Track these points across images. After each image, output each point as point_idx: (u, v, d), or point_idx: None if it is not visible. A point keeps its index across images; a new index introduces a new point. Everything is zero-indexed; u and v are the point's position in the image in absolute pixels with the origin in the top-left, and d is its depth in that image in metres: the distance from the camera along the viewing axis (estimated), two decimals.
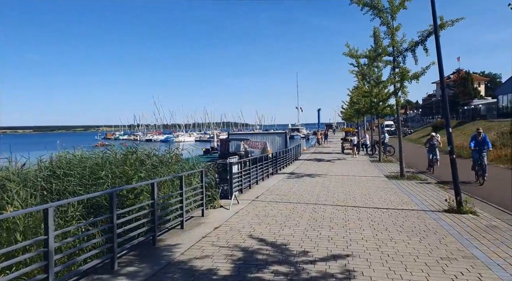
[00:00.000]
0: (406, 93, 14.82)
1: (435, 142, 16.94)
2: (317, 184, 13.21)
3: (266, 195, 10.91)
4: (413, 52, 14.35)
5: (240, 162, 11.27)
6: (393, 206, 9.13)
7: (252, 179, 13.11)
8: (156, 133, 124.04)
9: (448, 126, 8.59)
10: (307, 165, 21.25)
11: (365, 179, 14.59)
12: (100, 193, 5.27)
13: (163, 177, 7.79)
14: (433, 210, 8.57)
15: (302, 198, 10.44)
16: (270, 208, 9.01)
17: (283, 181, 14.37)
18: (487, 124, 34.94)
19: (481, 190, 11.49)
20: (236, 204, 9.36)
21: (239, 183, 11.20)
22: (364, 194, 11.00)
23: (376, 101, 22.79)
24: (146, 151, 10.29)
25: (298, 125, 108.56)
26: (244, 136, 41.49)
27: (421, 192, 11.26)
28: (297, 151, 27.88)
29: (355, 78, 26.32)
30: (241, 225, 7.32)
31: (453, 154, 8.54)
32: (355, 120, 47.81)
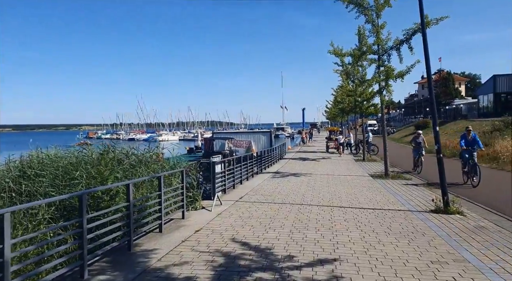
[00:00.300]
0: (391, 91, 14.73)
1: (421, 140, 16.36)
2: (302, 184, 12.97)
3: (250, 196, 10.60)
4: (398, 51, 14.25)
5: (223, 161, 10.92)
6: (380, 206, 8.95)
7: (236, 179, 12.78)
8: (139, 132, 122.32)
9: (436, 125, 8.44)
10: (292, 164, 21.04)
11: (350, 179, 14.43)
12: (68, 195, 4.85)
13: (142, 177, 7.37)
14: (420, 210, 8.41)
15: (287, 198, 10.17)
16: (255, 209, 8.70)
17: (268, 180, 14.09)
18: (468, 124, 35.39)
19: (473, 192, 11.01)
20: (218, 205, 9.02)
21: (223, 183, 10.85)
22: (350, 194, 10.80)
23: (361, 100, 22.78)
24: (125, 150, 9.86)
25: (283, 124, 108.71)
26: (229, 135, 41.12)
27: (406, 192, 11.14)
28: (282, 150, 27.67)
29: (339, 77, 26.30)
30: (223, 227, 6.98)
31: (440, 153, 8.39)
32: (339, 119, 48.03)
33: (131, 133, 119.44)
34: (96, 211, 5.89)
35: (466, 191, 11.16)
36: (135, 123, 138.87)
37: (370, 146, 25.91)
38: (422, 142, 16.24)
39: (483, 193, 10.80)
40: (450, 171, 13.48)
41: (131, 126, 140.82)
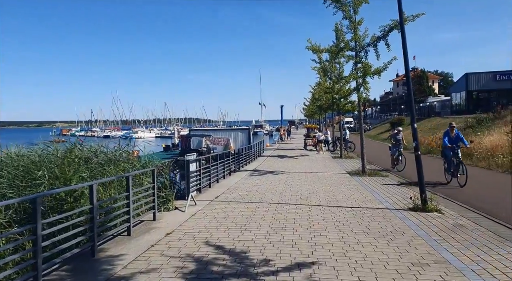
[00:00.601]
0: (368, 88, 14.69)
1: (401, 137, 15.97)
2: (280, 182, 12.74)
3: (226, 195, 10.26)
4: (375, 47, 14.19)
5: (198, 159, 10.53)
6: (357, 205, 8.80)
7: (213, 178, 12.41)
8: (114, 129, 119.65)
9: (414, 121, 8.34)
10: (270, 161, 20.82)
11: (328, 176, 14.32)
12: (20, 199, 4.38)
13: (108, 177, 6.91)
14: (398, 208, 8.31)
15: (264, 197, 9.89)
16: (230, 209, 8.38)
17: (246, 179, 13.79)
18: (442, 121, 36.24)
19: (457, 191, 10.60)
20: (193, 206, 8.64)
21: (198, 182, 10.47)
22: (328, 192, 10.64)
23: (338, 98, 22.77)
24: (93, 148, 9.33)
25: (262, 121, 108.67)
26: (206, 132, 40.58)
27: (383, 189, 11.07)
28: (260, 148, 27.43)
29: (317, 74, 26.27)
30: (196, 230, 6.63)
31: (418, 151, 8.30)
32: (317, 116, 48.24)
33: (106, 130, 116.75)
34: (58, 214, 5.43)
35: (452, 191, 10.56)
36: (110, 120, 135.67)
37: (347, 143, 26.03)
38: (401, 140, 15.91)
39: (465, 192, 10.87)
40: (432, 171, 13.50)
41: (106, 123, 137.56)
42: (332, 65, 22.66)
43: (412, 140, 8.44)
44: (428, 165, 14.82)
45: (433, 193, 9.61)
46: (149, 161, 9.45)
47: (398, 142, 16.00)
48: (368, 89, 14.69)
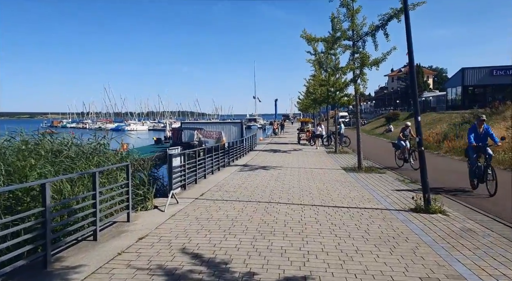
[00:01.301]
0: (366, 80, 13.95)
1: (409, 132, 14.84)
2: (271, 178, 11.99)
3: (213, 192, 9.50)
4: (374, 37, 13.48)
5: (183, 153, 9.74)
6: (355, 204, 8.09)
7: (200, 173, 11.64)
8: (106, 121, 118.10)
9: (418, 114, 7.61)
10: (262, 156, 20.07)
11: (322, 172, 13.61)
12: None
13: (74, 173, 6.11)
14: (399, 209, 7.61)
15: (253, 195, 9.15)
16: (215, 208, 7.62)
17: (235, 174, 13.03)
18: (438, 116, 35.72)
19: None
20: (174, 204, 7.87)
21: (182, 178, 9.69)
22: (322, 189, 9.92)
23: (333, 90, 22.05)
24: (65, 139, 8.50)
25: (256, 115, 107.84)
26: (198, 125, 39.71)
27: (381, 187, 10.38)
28: (253, 142, 26.64)
29: (312, 67, 25.50)
30: (174, 233, 5.86)
31: (421, 146, 7.58)
32: (311, 110, 47.51)
33: (98, 122, 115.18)
34: (10, 216, 4.64)
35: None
36: (103, 113, 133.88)
37: (342, 138, 25.35)
38: (410, 135, 14.75)
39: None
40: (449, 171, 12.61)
41: (99, 115, 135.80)
42: (327, 56, 21.89)
43: (415, 134, 7.70)
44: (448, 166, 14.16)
45: (436, 193, 8.90)
46: (127, 155, 8.64)
47: (406, 138, 14.91)
48: (366, 81, 13.95)
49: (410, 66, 7.73)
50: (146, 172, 8.71)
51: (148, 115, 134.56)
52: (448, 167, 14.70)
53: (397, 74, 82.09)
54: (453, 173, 13.11)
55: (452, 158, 17.96)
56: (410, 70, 7.76)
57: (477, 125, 9.71)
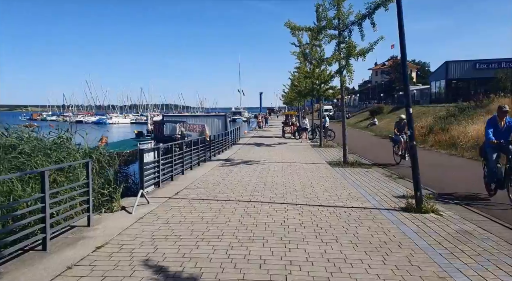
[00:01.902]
0: (352, 71, 13.38)
1: (405, 126, 13.12)
2: (253, 174, 11.35)
3: (189, 190, 8.79)
4: (360, 26, 12.91)
5: (157, 148, 8.98)
6: (341, 203, 7.52)
7: (177, 169, 10.91)
8: (87, 114, 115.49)
9: (409, 106, 7.03)
10: (246, 150, 19.41)
11: (307, 167, 13.04)
12: None
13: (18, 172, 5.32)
14: (389, 208, 7.07)
15: (233, 193, 8.49)
16: (190, 209, 6.93)
17: (216, 169, 12.33)
18: (422, 109, 35.65)
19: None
20: (144, 205, 7.14)
21: (156, 175, 8.94)
22: (307, 186, 9.33)
23: (318, 83, 21.51)
24: (25, 132, 7.65)
25: (240, 108, 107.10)
26: (181, 118, 38.73)
27: (368, 183, 9.86)
28: (236, 135, 25.93)
29: (297, 60, 24.90)
30: (139, 240, 5.16)
31: (413, 140, 7.04)
32: (296, 103, 46.99)
33: (79, 115, 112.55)
34: None
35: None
36: (85, 105, 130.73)
37: (327, 131, 24.88)
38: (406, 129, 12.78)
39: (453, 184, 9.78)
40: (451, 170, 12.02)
41: (80, 107, 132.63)
42: (312, 48, 21.29)
43: (407, 128, 7.15)
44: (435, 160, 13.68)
45: (425, 188, 8.39)
46: (94, 150, 7.84)
47: (401, 132, 13.84)
48: (352, 72, 13.38)
49: (402, 57, 7.14)
50: (113, 168, 7.91)
51: (131, 108, 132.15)
52: (436, 162, 14.32)
53: (381, 68, 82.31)
54: (451, 170, 12.71)
55: (439, 152, 17.65)
56: (402, 61, 7.17)
57: (497, 118, 7.73)
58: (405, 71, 7.24)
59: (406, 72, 7.22)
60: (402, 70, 7.25)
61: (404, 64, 7.18)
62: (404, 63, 7.21)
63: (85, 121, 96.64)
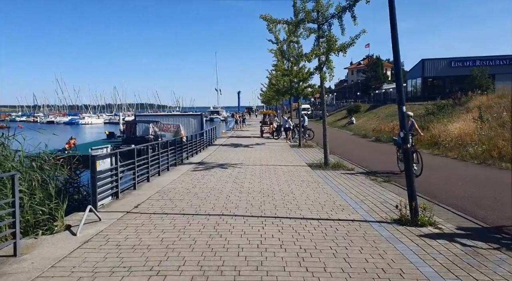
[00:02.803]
0: (332, 68, 12.54)
1: (411, 127, 11.12)
2: (229, 179, 10.32)
3: (152, 202, 7.67)
4: (340, 19, 12.11)
5: (114, 153, 7.80)
6: (326, 215, 6.59)
7: (141, 176, 9.76)
8: (59, 114, 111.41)
9: (402, 104, 6.15)
10: (222, 151, 18.33)
11: (287, 170, 12.12)
12: None
13: None
14: (380, 221, 6.19)
15: (204, 203, 7.43)
16: (149, 228, 5.83)
17: (187, 175, 11.22)
18: None
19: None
20: (95, 222, 5.99)
21: (114, 184, 7.77)
22: (287, 193, 8.38)
23: (297, 81, 20.69)
24: None
25: (218, 107, 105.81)
26: (154, 118, 37.21)
27: (353, 188, 9.01)
28: (212, 135, 24.75)
29: (274, 58, 24.00)
30: (75, 276, 4.03)
31: (407, 143, 6.17)
32: (274, 102, 46.19)
33: (50, 115, 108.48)
34: None
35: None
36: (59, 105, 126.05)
37: (306, 131, 24.08)
38: (414, 129, 11.43)
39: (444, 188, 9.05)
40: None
41: (51, 108, 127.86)
42: (290, 45, 20.45)
43: (400, 127, 6.28)
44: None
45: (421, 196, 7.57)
46: (36, 156, 6.59)
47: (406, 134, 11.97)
48: (332, 68, 12.55)
49: (394, 49, 6.24)
50: (53, 180, 6.69)
51: (106, 108, 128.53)
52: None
53: (357, 67, 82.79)
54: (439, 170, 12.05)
55: (421, 151, 17.06)
56: (394, 54, 6.25)
57: None
58: (398, 65, 6.36)
59: (399, 67, 6.34)
60: (394, 65, 6.37)
61: (398, 58, 6.29)
62: (397, 57, 6.32)
63: (56, 122, 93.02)
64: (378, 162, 14.08)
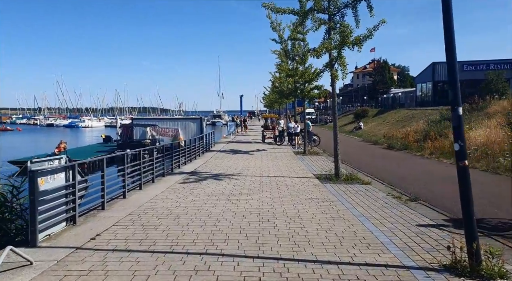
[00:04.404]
0: (345, 64, 10.83)
1: None
2: (222, 195, 8.57)
3: (118, 229, 5.91)
4: (355, 9, 10.48)
5: (70, 166, 6.04)
6: (347, 255, 4.82)
7: (114, 192, 8.03)
8: (59, 117, 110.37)
9: (459, 104, 4.35)
10: (219, 158, 16.58)
11: (291, 183, 10.35)
12: None
13: None
14: (425, 267, 4.41)
15: (184, 234, 5.68)
16: (96, 278, 4.07)
17: (173, 189, 9.48)
18: (410, 113, 33.68)
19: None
20: (22, 268, 4.23)
21: (70, 205, 6.02)
22: (292, 218, 6.62)
23: (302, 82, 18.97)
24: None
25: (220, 111, 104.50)
26: (152, 122, 35.59)
27: (375, 210, 7.24)
28: (210, 140, 22.98)
29: (278, 59, 22.36)
30: None
31: (465, 159, 4.38)
32: (277, 106, 44.46)
33: (50, 118, 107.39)
34: None
35: None
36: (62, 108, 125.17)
37: (311, 137, 22.28)
38: None
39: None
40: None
41: (52, 110, 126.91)
42: (295, 43, 18.80)
43: (454, 139, 4.48)
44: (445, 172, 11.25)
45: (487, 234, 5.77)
46: None
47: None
48: (345, 65, 10.84)
49: (447, 40, 4.47)
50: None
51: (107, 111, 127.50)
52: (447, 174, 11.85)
53: (362, 71, 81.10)
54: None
55: (441, 161, 15.28)
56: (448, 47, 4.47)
57: None
58: (454, 62, 4.54)
59: (455, 63, 4.52)
60: (447, 60, 4.52)
61: (453, 50, 4.50)
62: (452, 49, 4.54)
63: (56, 125, 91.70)
64: (397, 174, 12.30)
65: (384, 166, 14.21)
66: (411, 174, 12.17)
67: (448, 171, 12.61)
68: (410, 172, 12.71)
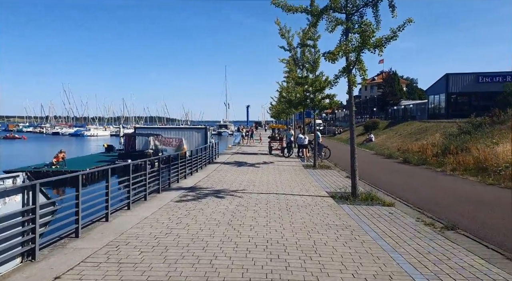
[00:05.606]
0: (365, 69, 9.62)
1: None
2: (222, 219, 7.27)
3: (86, 269, 4.63)
4: (375, 8, 9.37)
5: (31, 186, 4.81)
6: None
7: (95, 213, 6.78)
8: (65, 125, 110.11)
9: None
10: (222, 171, 15.31)
11: (303, 203, 9.03)
12: None
13: None
14: None
15: (172, 275, 4.39)
16: None
17: (167, 209, 8.20)
18: (423, 125, 32.20)
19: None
20: None
21: (28, 236, 4.76)
22: (308, 254, 5.30)
23: (312, 90, 17.79)
24: None
25: (227, 121, 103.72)
26: (155, 131, 34.45)
27: (408, 242, 5.91)
28: (214, 151, 21.71)
29: (286, 68, 21.28)
30: None
31: None
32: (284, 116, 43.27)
33: (56, 126, 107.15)
34: None
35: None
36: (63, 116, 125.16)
37: (321, 149, 20.94)
38: None
39: None
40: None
41: (58, 119, 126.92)
42: (305, 50, 17.72)
43: None
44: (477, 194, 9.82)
45: None
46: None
47: None
48: (365, 70, 9.63)
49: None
50: None
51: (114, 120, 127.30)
52: (477, 196, 10.43)
53: (370, 83, 79.88)
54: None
55: (467, 179, 13.84)
56: None
57: None
58: None
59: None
60: None
61: None
62: None
63: (61, 133, 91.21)
64: (422, 193, 10.92)
65: (405, 184, 12.83)
66: (438, 194, 10.78)
67: (480, 191, 11.20)
68: (436, 191, 11.30)
